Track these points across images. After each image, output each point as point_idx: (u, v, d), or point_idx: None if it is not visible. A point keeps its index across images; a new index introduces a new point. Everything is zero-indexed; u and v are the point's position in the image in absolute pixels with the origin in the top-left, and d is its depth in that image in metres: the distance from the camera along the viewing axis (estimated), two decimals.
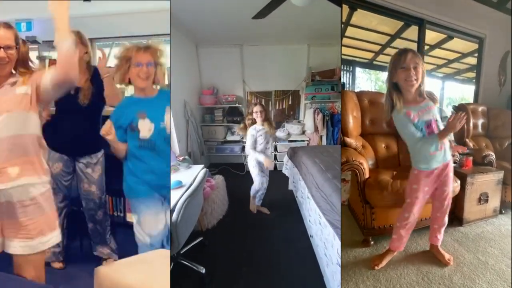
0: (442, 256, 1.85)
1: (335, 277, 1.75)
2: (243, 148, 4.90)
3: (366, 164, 2.04)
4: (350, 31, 3.11)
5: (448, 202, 1.77)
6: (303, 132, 5.10)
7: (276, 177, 3.94)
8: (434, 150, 1.59)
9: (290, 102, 5.31)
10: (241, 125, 3.21)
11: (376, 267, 1.79)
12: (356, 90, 3.26)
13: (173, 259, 2.13)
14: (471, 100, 3.71)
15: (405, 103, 1.57)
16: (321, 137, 4.85)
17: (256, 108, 3.06)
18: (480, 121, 3.12)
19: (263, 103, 5.23)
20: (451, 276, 1.73)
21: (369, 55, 3.43)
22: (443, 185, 1.72)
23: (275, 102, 5.30)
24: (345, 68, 3.53)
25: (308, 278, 2.12)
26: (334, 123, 4.76)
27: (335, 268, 1.75)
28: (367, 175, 2.02)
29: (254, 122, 3.08)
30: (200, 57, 4.97)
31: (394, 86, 1.58)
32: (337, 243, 1.74)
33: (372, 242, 2.05)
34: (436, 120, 1.60)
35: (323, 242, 2.05)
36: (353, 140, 2.24)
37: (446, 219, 1.82)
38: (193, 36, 4.41)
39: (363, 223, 2.06)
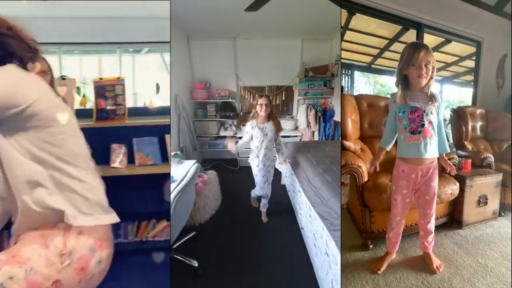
0: (431, 263, 1.83)
1: (324, 265, 1.82)
2: (236, 144, 4.87)
3: (364, 167, 2.04)
4: (348, 35, 3.13)
5: (430, 210, 1.75)
6: (296, 128, 5.11)
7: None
8: (407, 136, 1.62)
9: (283, 98, 5.28)
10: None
11: (378, 271, 1.79)
12: (355, 93, 3.27)
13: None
14: (469, 103, 3.73)
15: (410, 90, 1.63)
16: (313, 132, 4.88)
17: (262, 100, 2.74)
18: (478, 124, 3.13)
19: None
20: (451, 280, 1.73)
21: (368, 59, 3.45)
22: (424, 192, 1.71)
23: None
24: (343, 72, 3.55)
25: (299, 268, 2.20)
26: (326, 119, 4.78)
27: (324, 257, 1.81)
28: (366, 179, 2.02)
29: (256, 116, 2.79)
30: (191, 49, 4.83)
31: (403, 78, 1.61)
32: (325, 233, 1.79)
33: (371, 246, 2.05)
34: (425, 113, 1.58)
35: (312, 233, 2.11)
36: (352, 144, 2.24)
37: (431, 226, 1.80)
38: (184, 27, 4.28)
39: (362, 226, 2.06)
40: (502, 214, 2.51)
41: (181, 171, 2.40)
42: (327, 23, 3.87)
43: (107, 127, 2.22)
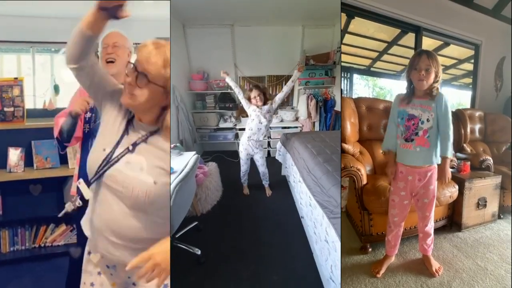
0: (430, 266, 1.82)
1: (323, 252, 1.85)
2: (236, 135, 4.86)
3: (363, 170, 2.04)
4: (348, 38, 3.14)
5: (429, 213, 1.76)
6: (296, 119, 5.04)
7: (270, 163, 4.02)
8: (402, 142, 1.67)
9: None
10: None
11: (377, 275, 1.79)
12: (354, 96, 3.28)
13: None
14: (468, 106, 3.74)
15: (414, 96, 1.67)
16: (314, 123, 4.82)
17: (253, 93, 3.00)
18: (477, 126, 3.13)
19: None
20: (450, 283, 1.73)
21: (367, 62, 3.46)
22: (423, 195, 1.72)
23: (269, 88, 4.99)
24: (343, 75, 3.56)
25: (299, 256, 2.26)
26: (327, 109, 4.70)
27: (323, 244, 1.84)
28: (365, 181, 2.02)
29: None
30: (188, 38, 4.63)
31: (410, 82, 1.66)
32: (325, 221, 1.81)
33: (370, 249, 2.04)
34: (420, 121, 1.61)
35: (313, 222, 2.14)
36: (351, 146, 2.25)
37: (430, 229, 1.81)
38: (179, 14, 4.10)
39: (361, 229, 2.05)
40: (502, 216, 2.51)
41: (181, 162, 2.42)
42: (328, 8, 3.77)
43: (4, 130, 2.20)
